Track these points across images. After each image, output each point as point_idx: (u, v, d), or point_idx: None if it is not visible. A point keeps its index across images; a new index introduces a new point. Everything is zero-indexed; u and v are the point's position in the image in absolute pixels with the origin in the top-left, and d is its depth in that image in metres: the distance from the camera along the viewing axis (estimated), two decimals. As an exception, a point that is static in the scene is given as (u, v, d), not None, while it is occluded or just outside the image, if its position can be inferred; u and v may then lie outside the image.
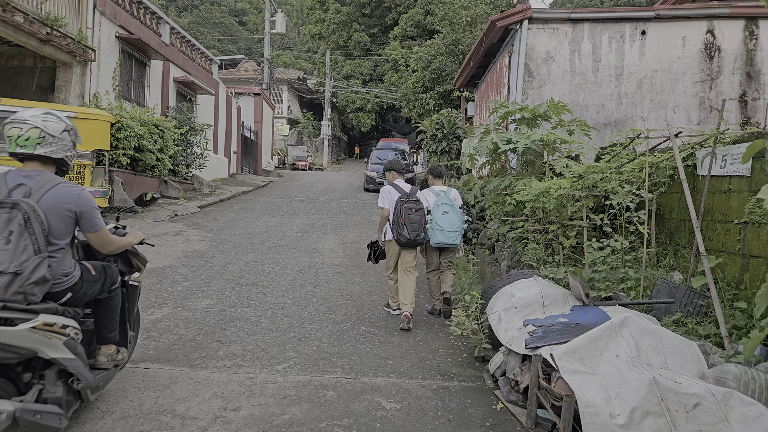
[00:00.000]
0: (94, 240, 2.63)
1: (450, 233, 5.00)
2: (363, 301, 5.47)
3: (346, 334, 4.43)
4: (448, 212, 5.06)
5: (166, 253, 7.04)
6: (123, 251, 2.95)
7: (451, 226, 5.02)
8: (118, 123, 9.97)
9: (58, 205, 2.41)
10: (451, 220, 5.04)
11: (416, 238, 4.84)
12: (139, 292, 3.23)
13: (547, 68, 9.09)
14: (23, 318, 2.20)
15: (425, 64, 17.93)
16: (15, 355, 2.21)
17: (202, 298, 5.19)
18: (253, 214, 11.31)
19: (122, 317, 3.01)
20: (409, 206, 4.90)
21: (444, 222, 5.00)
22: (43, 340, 2.26)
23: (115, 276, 2.86)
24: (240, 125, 20.10)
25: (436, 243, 5.02)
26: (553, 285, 3.82)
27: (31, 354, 2.26)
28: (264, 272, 6.36)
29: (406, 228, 4.81)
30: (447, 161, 15.73)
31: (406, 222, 4.82)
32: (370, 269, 6.80)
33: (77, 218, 2.50)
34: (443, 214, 5.04)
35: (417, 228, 4.84)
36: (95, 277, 2.67)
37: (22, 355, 2.23)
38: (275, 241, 8.40)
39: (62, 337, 2.37)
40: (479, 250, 7.69)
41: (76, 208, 2.47)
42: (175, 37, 14.24)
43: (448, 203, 5.13)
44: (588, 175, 4.26)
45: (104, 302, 2.80)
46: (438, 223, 5.00)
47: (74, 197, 2.47)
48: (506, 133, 6.16)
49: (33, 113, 2.44)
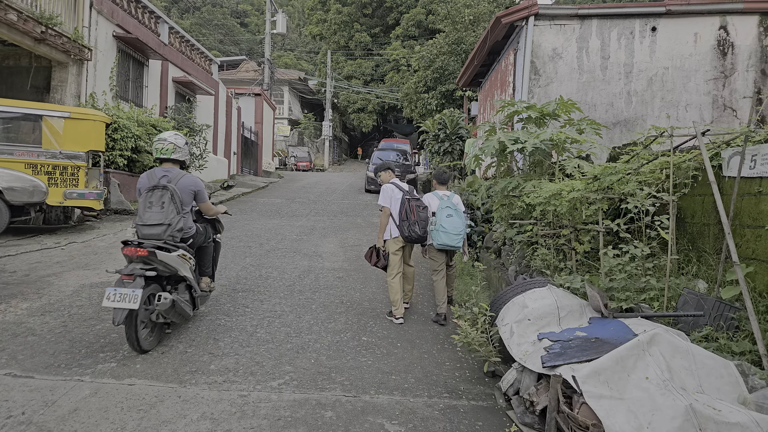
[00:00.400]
0: (203, 207, 4.41)
1: (454, 236, 5.09)
2: (364, 308, 5.22)
3: (346, 345, 4.18)
4: (452, 215, 5.14)
5: (161, 258, 6.80)
6: (212, 219, 4.75)
7: (455, 228, 5.10)
8: (115, 123, 9.75)
9: (186, 186, 4.02)
10: (455, 223, 5.12)
11: (425, 234, 5.06)
12: (220, 246, 5.15)
13: (554, 66, 8.84)
14: (173, 249, 3.84)
15: (427, 63, 17.67)
16: (168, 271, 3.83)
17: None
18: (252, 216, 11.07)
19: (213, 260, 4.87)
20: (418, 204, 5.05)
21: (448, 225, 5.09)
22: (181, 263, 3.93)
23: (210, 233, 4.67)
24: (240, 126, 19.88)
25: (440, 245, 5.08)
26: (569, 295, 3.56)
27: (174, 271, 3.87)
28: (261, 277, 6.12)
29: (418, 225, 4.97)
30: (450, 162, 15.49)
31: (418, 219, 4.97)
32: (371, 274, 6.55)
33: (195, 194, 4.14)
34: (447, 217, 5.12)
35: (425, 225, 5.06)
36: (202, 232, 4.37)
37: (171, 271, 3.85)
38: (274, 244, 8.16)
39: (190, 263, 4.09)
40: (485, 254, 7.44)
41: (194, 188, 4.11)
42: (174, 37, 14.03)
43: (452, 207, 5.20)
44: (604, 176, 4.00)
45: (204, 249, 4.57)
46: (443, 225, 5.08)
47: (194, 182, 4.12)
48: (513, 132, 5.91)
49: (169, 134, 4.08)
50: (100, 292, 5.13)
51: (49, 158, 7.49)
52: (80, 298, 4.98)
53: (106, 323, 4.32)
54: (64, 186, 7.61)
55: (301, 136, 36.49)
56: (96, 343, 3.91)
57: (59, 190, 7.59)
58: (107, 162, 9.88)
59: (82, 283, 5.45)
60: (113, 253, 6.87)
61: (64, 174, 7.60)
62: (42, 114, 7.41)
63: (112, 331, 4.14)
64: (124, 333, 3.80)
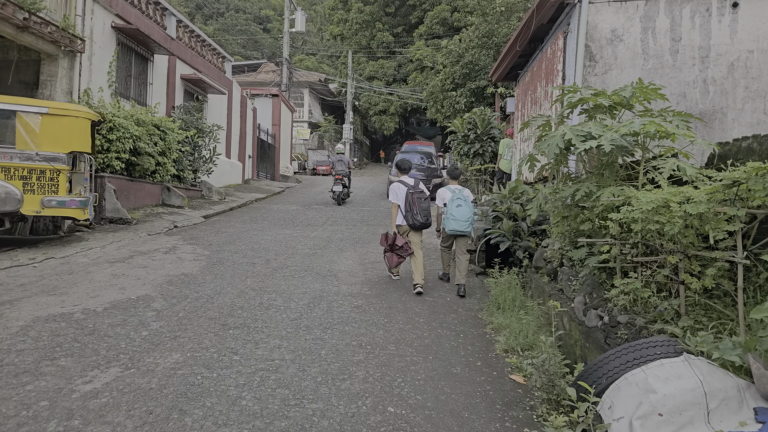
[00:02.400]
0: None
1: (462, 222, 5.85)
2: (389, 355, 3.97)
3: (365, 422, 2.94)
4: (461, 205, 5.90)
5: (147, 278, 5.69)
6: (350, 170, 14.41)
7: (463, 216, 5.86)
8: (109, 122, 8.77)
9: (346, 160, 14.30)
10: (464, 211, 5.88)
11: (426, 221, 5.96)
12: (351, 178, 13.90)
13: (613, 50, 7.47)
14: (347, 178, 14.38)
15: (455, 58, 16.38)
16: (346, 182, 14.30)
17: (170, 352, 3.78)
18: (262, 226, 9.96)
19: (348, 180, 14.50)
20: (419, 196, 5.98)
21: (458, 213, 5.87)
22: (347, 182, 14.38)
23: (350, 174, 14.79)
24: (256, 128, 18.91)
25: (451, 230, 5.90)
26: (719, 372, 2.25)
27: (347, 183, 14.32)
28: (262, 306, 4.93)
29: (420, 214, 5.93)
30: (480, 165, 14.15)
31: (419, 209, 5.93)
32: (396, 301, 5.31)
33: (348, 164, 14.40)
34: (457, 206, 5.89)
35: (426, 213, 5.96)
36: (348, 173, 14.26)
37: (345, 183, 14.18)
38: (283, 260, 6.98)
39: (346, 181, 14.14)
40: (533, 276, 6.11)
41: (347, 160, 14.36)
42: (182, 31, 13.09)
43: (462, 198, 5.94)
44: (754, 181, 2.66)
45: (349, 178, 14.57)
46: (452, 214, 5.87)
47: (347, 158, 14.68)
48: (580, 125, 4.60)
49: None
50: (55, 331, 4.02)
51: (24, 160, 6.48)
52: (25, 339, 3.86)
53: (43, 381, 3.18)
54: (42, 193, 6.60)
55: (321, 140, 35.55)
56: (15, 416, 2.76)
57: (36, 198, 6.57)
58: (102, 165, 8.90)
59: (37, 316, 4.35)
60: (92, 273, 5.78)
61: (42, 179, 6.59)
62: (15, 109, 6.41)
63: (42, 398, 2.99)
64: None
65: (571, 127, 4.45)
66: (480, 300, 5.64)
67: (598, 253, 4.41)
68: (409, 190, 5.93)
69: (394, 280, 6.28)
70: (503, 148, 12.02)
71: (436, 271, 6.83)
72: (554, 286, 5.48)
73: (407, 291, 5.82)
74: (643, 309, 3.69)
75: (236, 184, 16.44)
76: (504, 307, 4.82)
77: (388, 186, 16.56)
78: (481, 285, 6.36)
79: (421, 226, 5.93)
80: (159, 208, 10.42)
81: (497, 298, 5.03)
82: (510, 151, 11.86)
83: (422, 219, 5.89)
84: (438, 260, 7.23)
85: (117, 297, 4.99)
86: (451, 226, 5.84)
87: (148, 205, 10.37)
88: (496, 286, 5.39)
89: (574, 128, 4.44)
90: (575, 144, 4.29)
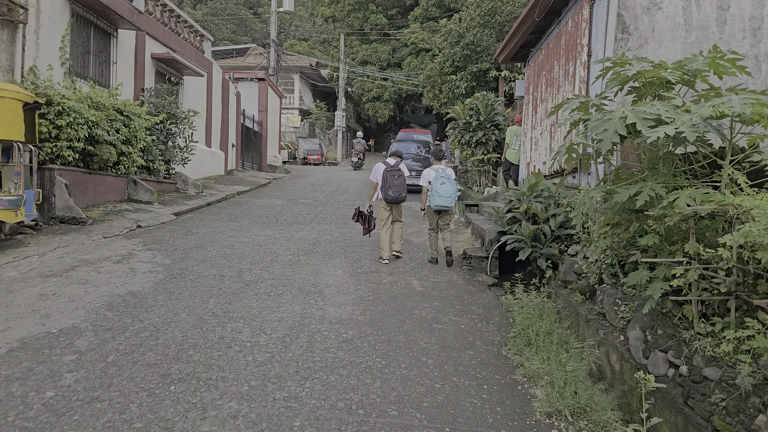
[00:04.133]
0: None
1: (446, 197, 6.43)
2: (390, 426, 2.84)
3: None
4: (445, 183, 6.44)
5: (82, 300, 4.51)
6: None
7: (446, 192, 6.43)
8: (58, 105, 7.50)
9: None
10: (447, 188, 6.43)
11: (398, 196, 6.59)
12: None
13: (650, 20, 6.32)
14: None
15: (455, 39, 15.11)
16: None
17: (75, 429, 2.63)
18: (241, 224, 8.77)
19: None
20: (393, 174, 6.62)
21: (442, 190, 6.42)
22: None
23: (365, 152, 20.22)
24: (240, 114, 17.59)
25: (436, 206, 6.50)
26: None
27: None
28: (222, 343, 3.78)
29: (391, 189, 6.57)
30: (483, 155, 13.00)
31: (391, 185, 6.57)
32: (397, 331, 4.18)
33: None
34: (441, 184, 6.43)
35: (399, 189, 6.60)
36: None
37: None
38: (258, 271, 5.83)
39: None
40: (561, 292, 5.01)
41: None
42: (153, 5, 11.72)
43: (445, 176, 6.49)
44: None
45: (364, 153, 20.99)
46: (437, 191, 6.43)
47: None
48: (644, 105, 3.47)
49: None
50: None
51: (-67, 151, 5.25)
52: None
53: None
54: (-41, 190, 5.37)
55: (312, 128, 34.17)
56: None
57: (-49, 197, 5.35)
58: (50, 156, 7.65)
59: None
60: (14, 293, 4.59)
61: (-41, 174, 5.36)
62: None
63: None
64: None
65: (633, 110, 3.31)
66: (500, 326, 4.53)
67: (665, 278, 3.30)
68: (386, 169, 6.65)
69: (388, 280, 5.15)
70: (510, 136, 10.87)
71: (439, 304, 5.71)
72: (591, 308, 4.39)
73: (408, 311, 4.70)
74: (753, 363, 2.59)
75: (217, 175, 15.18)
76: (537, 344, 3.70)
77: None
78: (497, 303, 5.24)
79: (393, 200, 6.59)
80: (123, 204, 9.19)
81: (526, 330, 3.91)
82: (518, 139, 10.71)
83: (393, 194, 6.54)
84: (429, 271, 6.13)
85: (33, 330, 3.83)
86: (435, 202, 6.49)
87: (111, 201, 9.14)
88: (520, 311, 4.28)
89: (636, 110, 3.30)
90: (641, 130, 3.16)
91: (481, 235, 7.07)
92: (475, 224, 7.80)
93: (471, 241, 7.86)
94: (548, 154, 8.13)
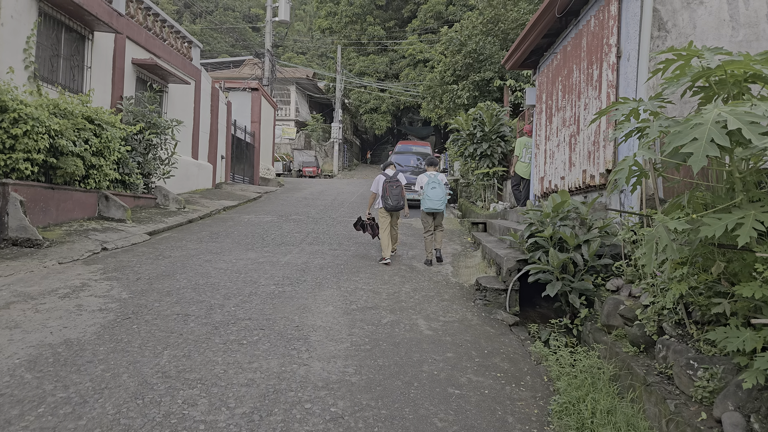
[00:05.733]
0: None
1: (436, 201, 7.23)
2: None
3: None
4: (436, 187, 7.25)
5: (1, 353, 3.54)
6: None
7: (437, 196, 7.24)
8: (14, 112, 6.60)
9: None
10: (437, 192, 7.24)
11: (397, 204, 7.30)
12: None
13: (691, 16, 5.49)
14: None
15: (457, 47, 14.35)
16: None
17: None
18: (222, 246, 7.82)
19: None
20: (392, 184, 7.33)
21: (432, 194, 7.25)
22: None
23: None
24: (231, 125, 16.72)
25: (427, 209, 7.30)
26: None
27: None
28: (165, 426, 2.80)
29: (390, 198, 7.28)
30: (487, 167, 12.13)
31: (390, 194, 7.29)
32: (403, 401, 3.22)
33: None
34: (432, 188, 7.26)
35: (397, 198, 7.30)
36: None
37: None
38: (232, 308, 4.86)
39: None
40: (602, 337, 4.08)
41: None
42: (134, 7, 10.89)
43: (436, 182, 7.28)
44: None
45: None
46: (428, 195, 7.26)
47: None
48: (738, 107, 2.57)
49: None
50: None
51: None
52: None
53: None
54: None
55: (308, 139, 33.37)
56: None
57: None
58: (5, 169, 6.72)
59: None
60: None
61: None
62: None
63: None
64: None
65: (732, 112, 2.41)
66: (534, 390, 3.55)
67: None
68: (386, 180, 7.33)
69: (389, 324, 4.20)
70: (520, 148, 10.01)
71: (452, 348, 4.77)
72: (649, 365, 3.48)
73: (415, 367, 3.74)
74: None
75: (204, 189, 14.25)
76: (594, 429, 2.74)
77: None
78: (524, 353, 4.27)
79: (392, 208, 7.27)
80: (92, 222, 8.23)
81: (576, 406, 2.95)
82: (529, 152, 9.85)
83: (392, 202, 7.23)
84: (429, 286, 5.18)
85: None
86: (427, 205, 7.25)
87: (78, 219, 8.18)
88: (561, 372, 3.32)
89: (735, 113, 2.41)
90: (750, 138, 2.26)
91: (496, 262, 6.13)
92: (487, 248, 6.87)
93: (483, 267, 6.92)
94: (567, 168, 7.25)
